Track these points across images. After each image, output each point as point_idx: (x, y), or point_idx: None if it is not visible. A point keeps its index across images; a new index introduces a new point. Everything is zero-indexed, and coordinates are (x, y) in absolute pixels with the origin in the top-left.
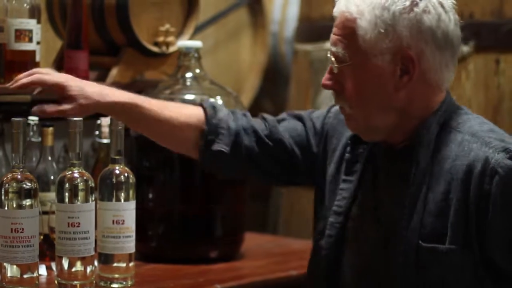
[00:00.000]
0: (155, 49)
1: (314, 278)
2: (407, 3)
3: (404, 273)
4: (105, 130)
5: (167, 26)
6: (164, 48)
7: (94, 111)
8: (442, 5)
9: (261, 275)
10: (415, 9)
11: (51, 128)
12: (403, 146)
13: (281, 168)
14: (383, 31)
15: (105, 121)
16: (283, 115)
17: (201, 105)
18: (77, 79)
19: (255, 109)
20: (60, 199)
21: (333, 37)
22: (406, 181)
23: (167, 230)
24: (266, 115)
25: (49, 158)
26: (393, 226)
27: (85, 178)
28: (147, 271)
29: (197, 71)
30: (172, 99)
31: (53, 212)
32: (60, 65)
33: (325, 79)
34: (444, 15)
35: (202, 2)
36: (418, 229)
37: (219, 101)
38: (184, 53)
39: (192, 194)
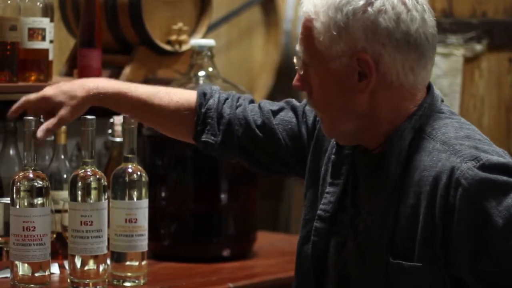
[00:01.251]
0: (168, 47)
1: (302, 283)
2: (361, 2)
3: (376, 286)
4: (118, 128)
5: (180, 24)
6: (177, 46)
7: (87, 106)
8: (404, 3)
9: (274, 274)
10: (369, 9)
11: (64, 127)
12: (378, 152)
13: (272, 159)
14: (335, 33)
15: (118, 120)
16: (282, 103)
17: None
18: (53, 85)
19: None
20: (73, 198)
21: (299, 37)
22: (380, 191)
23: (180, 229)
24: (264, 103)
25: (62, 156)
26: (367, 237)
27: (97, 176)
28: (159, 269)
29: (210, 69)
30: None
31: (66, 211)
32: (73, 64)
33: (295, 79)
34: (406, 14)
35: (215, 0)
36: (389, 243)
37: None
38: (197, 51)
39: (205, 193)
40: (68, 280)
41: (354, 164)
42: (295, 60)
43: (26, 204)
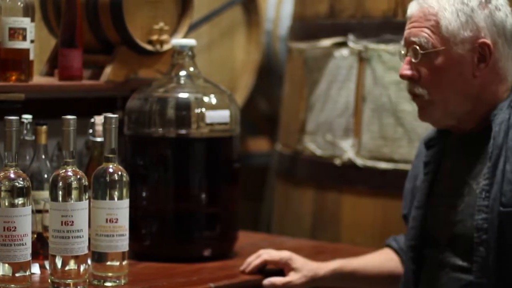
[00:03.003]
0: (149, 47)
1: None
2: (482, 0)
3: (489, 237)
4: (99, 128)
5: (161, 24)
6: (158, 46)
7: (314, 282)
8: (507, 5)
9: (254, 274)
10: (489, 6)
11: (44, 127)
12: (477, 131)
13: None
14: (464, 21)
15: (98, 120)
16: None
17: (388, 246)
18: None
19: (249, 107)
20: (54, 198)
21: (413, 30)
22: (484, 157)
23: (161, 229)
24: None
25: (43, 156)
26: (474, 197)
27: (78, 176)
28: (140, 269)
29: (191, 69)
30: (166, 98)
31: (47, 211)
32: (54, 64)
33: (403, 69)
34: (510, 13)
35: (196, 0)
36: (499, 196)
37: (213, 99)
38: (178, 51)
39: (186, 192)
40: (49, 280)
41: (446, 151)
42: (403, 51)
43: (7, 204)
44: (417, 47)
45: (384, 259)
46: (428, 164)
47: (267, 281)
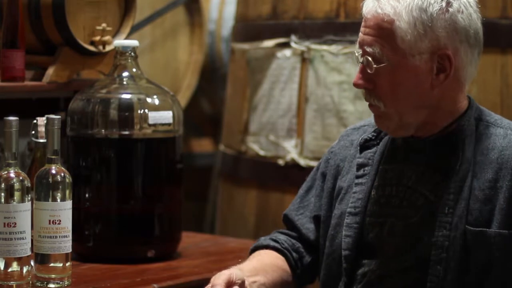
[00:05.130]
0: (91, 48)
1: (331, 277)
2: (443, 4)
3: (449, 256)
4: (41, 129)
5: (103, 25)
6: (100, 47)
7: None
8: (470, 5)
9: (198, 274)
10: (450, 10)
11: None
12: (434, 139)
13: None
14: (422, 31)
15: (41, 121)
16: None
17: (272, 247)
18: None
19: (192, 108)
20: None
21: (366, 37)
22: (447, 169)
23: (104, 230)
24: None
25: None
26: (432, 212)
27: (21, 178)
28: (84, 271)
29: (134, 70)
30: (108, 98)
31: None
32: None
33: (357, 78)
34: (474, 13)
35: (138, 1)
36: (465, 214)
37: (155, 100)
38: (120, 52)
39: (129, 193)
40: None
41: (389, 155)
42: (359, 60)
43: None
44: (370, 59)
45: (278, 267)
46: (363, 166)
47: None
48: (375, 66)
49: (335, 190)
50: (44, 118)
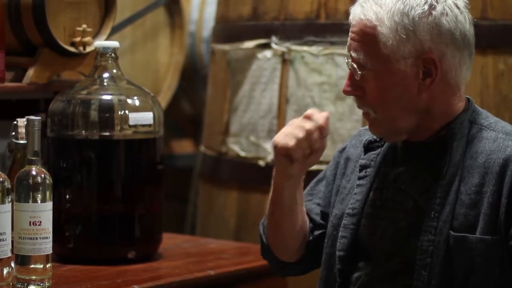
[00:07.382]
0: (72, 49)
1: (331, 277)
2: (426, 7)
3: (433, 261)
4: (22, 130)
5: (84, 26)
6: (81, 48)
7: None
8: (457, 6)
9: (179, 275)
10: (433, 13)
11: None
12: (429, 143)
13: None
14: (404, 36)
15: (21, 122)
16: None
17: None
18: None
19: (173, 109)
20: None
21: (352, 43)
22: (437, 173)
23: (84, 231)
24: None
25: None
26: (420, 216)
27: (1, 179)
28: (64, 272)
29: (114, 71)
30: (89, 99)
31: None
32: None
33: (345, 85)
34: (460, 15)
35: (119, 2)
36: (450, 219)
37: (136, 101)
38: (101, 53)
39: (109, 195)
40: None
41: (390, 159)
42: (353, 64)
43: None
44: (356, 66)
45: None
46: (365, 167)
47: None
48: (359, 72)
49: (339, 188)
50: (24, 119)
